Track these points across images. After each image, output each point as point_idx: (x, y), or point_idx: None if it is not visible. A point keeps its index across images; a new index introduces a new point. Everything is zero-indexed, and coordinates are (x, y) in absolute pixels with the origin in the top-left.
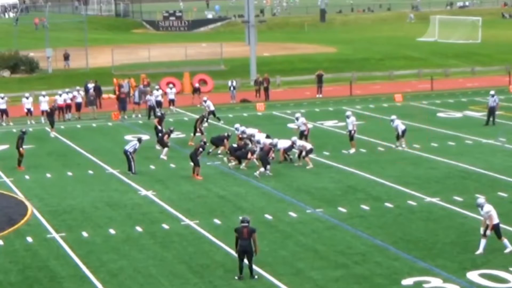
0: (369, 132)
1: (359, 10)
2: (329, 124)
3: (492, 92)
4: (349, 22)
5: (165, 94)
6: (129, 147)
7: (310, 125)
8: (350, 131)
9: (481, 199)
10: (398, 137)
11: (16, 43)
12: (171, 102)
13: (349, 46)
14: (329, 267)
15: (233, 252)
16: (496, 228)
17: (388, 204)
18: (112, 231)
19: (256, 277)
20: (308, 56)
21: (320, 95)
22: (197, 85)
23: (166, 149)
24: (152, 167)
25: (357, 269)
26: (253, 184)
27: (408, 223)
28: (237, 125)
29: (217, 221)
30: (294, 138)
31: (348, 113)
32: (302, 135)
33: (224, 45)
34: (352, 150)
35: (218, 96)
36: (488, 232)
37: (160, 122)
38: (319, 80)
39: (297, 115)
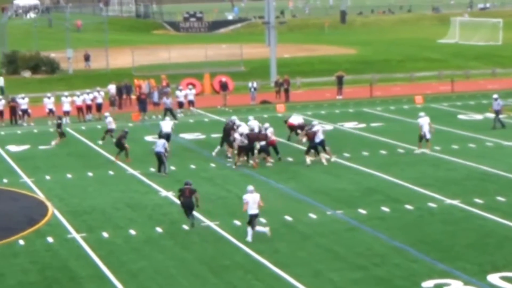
0: (389, 133)
1: (379, 11)
2: (349, 125)
3: (495, 96)
4: (369, 24)
5: (187, 95)
6: (160, 148)
7: (320, 127)
8: (424, 132)
9: None
10: (421, 138)
11: (37, 44)
12: (191, 103)
13: (369, 47)
14: (348, 268)
15: (253, 253)
16: None
17: (407, 206)
18: (132, 231)
19: (194, 226)
20: (328, 58)
21: (340, 97)
22: (223, 79)
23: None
24: (173, 168)
25: (376, 271)
26: (272, 185)
27: (427, 225)
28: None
29: (237, 222)
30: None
31: (421, 113)
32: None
33: (244, 47)
34: (421, 151)
35: (238, 97)
36: None
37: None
38: (339, 81)
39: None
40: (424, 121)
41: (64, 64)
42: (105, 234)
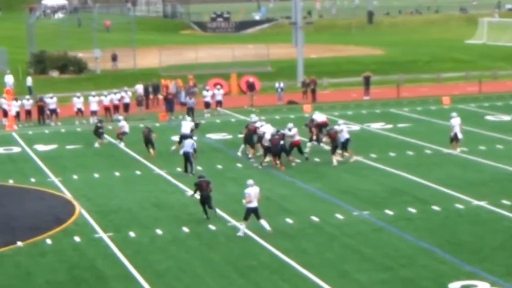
0: (416, 134)
1: (407, 12)
2: (376, 126)
3: None
4: (396, 24)
5: (214, 95)
6: (188, 148)
7: (344, 127)
8: (455, 133)
9: None
10: (452, 139)
11: (65, 44)
12: (219, 103)
13: (396, 48)
14: (375, 269)
15: (280, 253)
16: None
17: (435, 207)
18: (159, 231)
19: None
20: (355, 58)
21: (367, 97)
22: (251, 79)
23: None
24: (199, 167)
25: (403, 272)
26: (299, 185)
27: (455, 226)
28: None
29: (263, 222)
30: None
31: (453, 114)
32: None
33: (271, 47)
34: (458, 150)
35: (265, 97)
36: None
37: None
38: (367, 82)
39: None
40: (456, 122)
41: (91, 64)
42: (131, 234)
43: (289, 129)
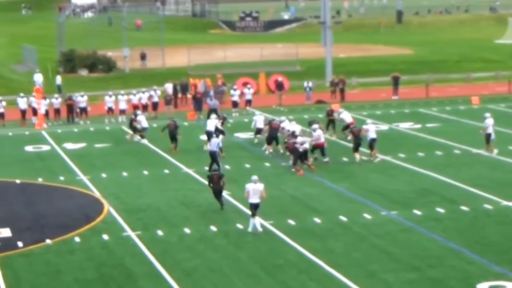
0: (445, 134)
1: (436, 11)
2: (404, 126)
3: None
4: (425, 24)
5: (242, 94)
6: (214, 147)
7: (371, 126)
8: (489, 134)
9: None
10: (487, 139)
11: (94, 43)
12: (248, 102)
13: (425, 48)
14: (403, 270)
15: (307, 253)
16: None
17: (463, 207)
18: (187, 230)
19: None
20: (384, 58)
21: (396, 97)
22: (279, 79)
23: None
24: (227, 167)
25: (431, 272)
26: (327, 185)
27: (483, 226)
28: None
29: (291, 221)
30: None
31: (487, 114)
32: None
33: (299, 46)
34: (495, 151)
35: (293, 97)
36: None
37: (223, 124)
38: (395, 82)
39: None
40: (490, 122)
41: (120, 62)
42: (159, 232)
43: (314, 130)
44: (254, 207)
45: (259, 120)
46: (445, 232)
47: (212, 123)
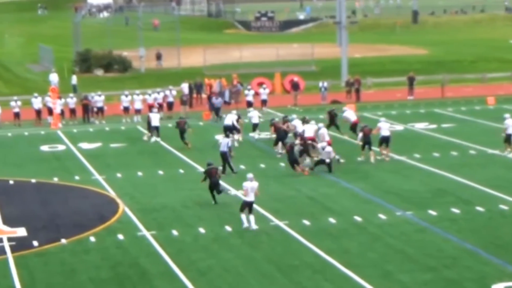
0: (460, 134)
1: (451, 11)
2: (420, 126)
3: None
4: (441, 24)
5: (256, 94)
6: (225, 148)
7: (384, 124)
8: (510, 134)
9: None
10: (506, 140)
11: (110, 43)
12: (264, 102)
13: (441, 48)
14: (418, 270)
15: (322, 253)
16: None
17: (479, 208)
18: (201, 230)
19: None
20: (399, 58)
21: (411, 97)
22: (295, 79)
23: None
24: (242, 167)
25: (446, 273)
26: (342, 185)
27: (499, 227)
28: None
29: (306, 222)
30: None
31: (507, 115)
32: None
33: (315, 46)
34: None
35: (309, 97)
36: None
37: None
38: (411, 82)
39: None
40: (510, 123)
41: (136, 62)
42: (174, 232)
43: (319, 128)
44: (250, 205)
45: (254, 115)
46: (460, 232)
47: (230, 117)
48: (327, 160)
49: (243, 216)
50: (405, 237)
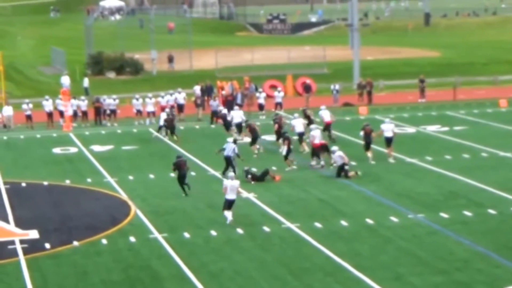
0: (472, 137)
1: (464, 14)
2: (432, 129)
3: None
4: (453, 26)
5: (269, 97)
6: (230, 152)
7: (389, 125)
8: None
9: None
10: None
11: (121, 45)
12: (278, 105)
13: (453, 50)
14: (429, 273)
15: (334, 256)
16: None
17: (491, 211)
18: (213, 232)
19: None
20: (411, 60)
21: (423, 100)
22: (307, 81)
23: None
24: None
25: (458, 276)
26: (354, 188)
27: (511, 230)
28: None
29: (317, 224)
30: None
31: None
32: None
33: (327, 49)
34: None
35: (320, 99)
36: None
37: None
38: (423, 84)
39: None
40: None
41: (148, 65)
42: (186, 235)
43: (311, 130)
44: (230, 203)
45: (236, 115)
46: (472, 235)
47: (238, 114)
48: (345, 165)
49: (226, 213)
50: (416, 239)
